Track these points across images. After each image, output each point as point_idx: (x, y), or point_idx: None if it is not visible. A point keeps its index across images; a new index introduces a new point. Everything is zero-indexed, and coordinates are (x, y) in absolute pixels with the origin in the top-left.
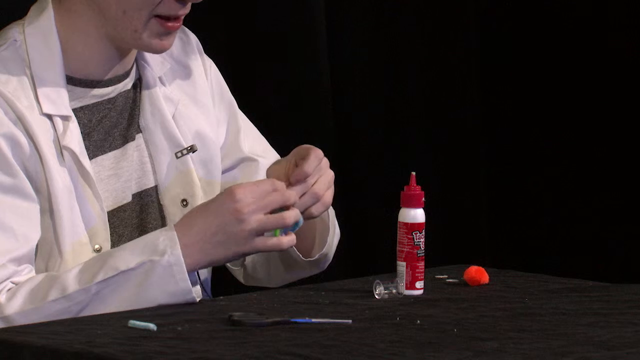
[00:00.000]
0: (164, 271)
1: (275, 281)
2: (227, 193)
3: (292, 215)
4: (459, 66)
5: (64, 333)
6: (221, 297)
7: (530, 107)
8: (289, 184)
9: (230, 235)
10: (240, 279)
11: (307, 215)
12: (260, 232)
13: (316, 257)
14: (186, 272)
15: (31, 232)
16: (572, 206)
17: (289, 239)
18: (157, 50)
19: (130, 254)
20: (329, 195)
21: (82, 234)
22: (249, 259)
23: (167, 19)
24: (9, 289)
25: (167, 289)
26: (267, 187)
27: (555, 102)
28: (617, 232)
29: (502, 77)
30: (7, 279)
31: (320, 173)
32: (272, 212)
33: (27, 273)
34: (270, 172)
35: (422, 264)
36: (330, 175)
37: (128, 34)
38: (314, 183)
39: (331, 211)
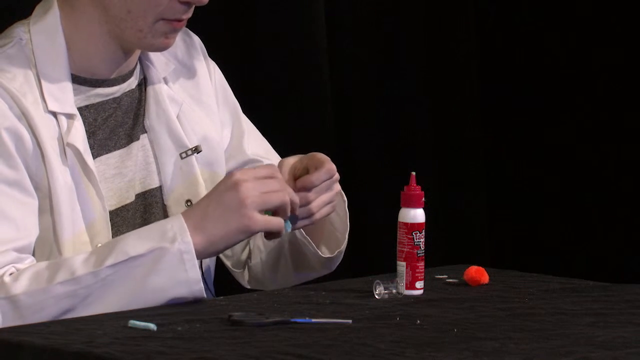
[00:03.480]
0: (174, 258)
1: (281, 284)
2: (226, 176)
3: (289, 199)
4: (460, 66)
5: (64, 333)
6: (221, 297)
7: (530, 107)
8: (293, 187)
9: (228, 208)
10: (244, 282)
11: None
12: (258, 208)
13: (334, 254)
14: (196, 260)
15: (32, 226)
16: (572, 206)
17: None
18: (161, 49)
19: (139, 240)
20: (321, 213)
21: (82, 233)
22: (255, 259)
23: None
24: (11, 273)
25: (176, 277)
26: (266, 171)
27: (555, 102)
28: (617, 232)
29: (502, 77)
30: (10, 264)
31: (326, 188)
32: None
33: (29, 262)
34: (281, 164)
35: (422, 264)
36: (334, 192)
37: (132, 33)
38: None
39: (346, 212)
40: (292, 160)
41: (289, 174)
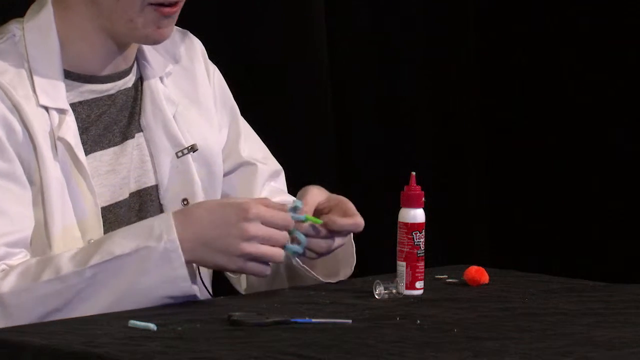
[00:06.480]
0: (160, 257)
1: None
2: (242, 208)
3: (282, 259)
4: (459, 66)
5: (64, 333)
6: (221, 297)
7: (531, 107)
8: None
9: (225, 251)
10: (240, 290)
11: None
12: (253, 259)
13: (335, 281)
14: (183, 258)
15: (26, 218)
16: (572, 206)
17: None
18: (156, 40)
19: (125, 239)
20: (328, 250)
21: (74, 228)
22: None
23: (161, 4)
24: (2, 270)
25: (164, 276)
26: (281, 220)
27: (556, 102)
28: (617, 232)
29: (502, 77)
30: (1, 260)
31: (344, 240)
32: None
33: (22, 257)
34: (307, 194)
35: (422, 264)
36: (344, 240)
37: (123, 24)
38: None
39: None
40: (319, 197)
41: (313, 209)
